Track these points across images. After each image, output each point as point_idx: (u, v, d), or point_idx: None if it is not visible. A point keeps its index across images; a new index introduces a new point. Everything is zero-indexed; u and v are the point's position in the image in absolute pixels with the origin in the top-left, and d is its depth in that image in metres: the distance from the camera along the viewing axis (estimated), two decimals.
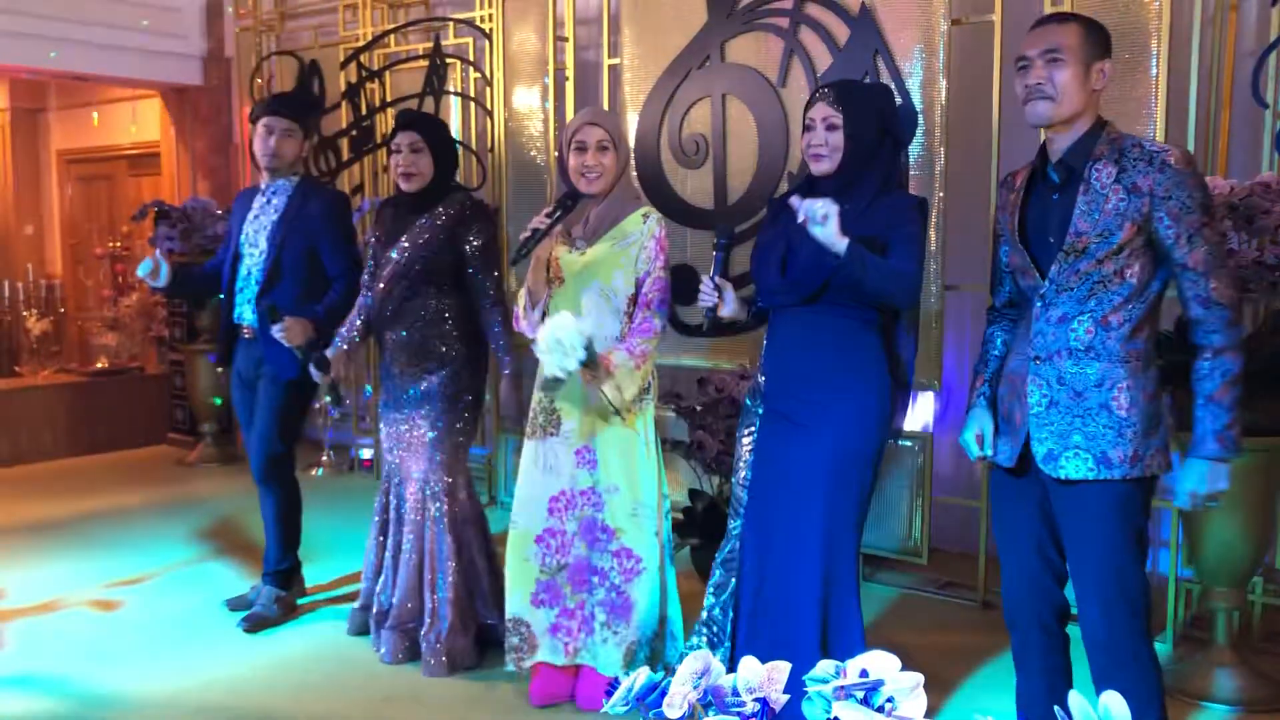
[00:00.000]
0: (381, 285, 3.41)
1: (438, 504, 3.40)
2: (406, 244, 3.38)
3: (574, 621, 3.09)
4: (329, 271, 3.73)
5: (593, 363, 2.87)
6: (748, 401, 2.90)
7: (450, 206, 3.40)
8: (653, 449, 3.07)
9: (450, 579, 3.38)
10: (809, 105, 2.72)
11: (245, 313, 3.77)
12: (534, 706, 3.10)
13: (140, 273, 3.65)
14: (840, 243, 2.45)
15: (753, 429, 2.85)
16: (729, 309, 2.77)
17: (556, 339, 2.78)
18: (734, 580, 2.84)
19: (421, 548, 3.42)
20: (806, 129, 2.70)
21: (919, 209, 2.72)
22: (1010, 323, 2.55)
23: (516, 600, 3.11)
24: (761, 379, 2.84)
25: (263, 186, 3.83)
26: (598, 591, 3.06)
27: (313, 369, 3.42)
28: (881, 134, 2.70)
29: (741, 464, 2.87)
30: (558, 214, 3.00)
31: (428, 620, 3.38)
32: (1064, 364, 2.26)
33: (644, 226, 3.01)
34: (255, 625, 3.73)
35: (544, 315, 3.00)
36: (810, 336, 2.72)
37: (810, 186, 2.74)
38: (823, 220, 2.43)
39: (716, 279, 2.74)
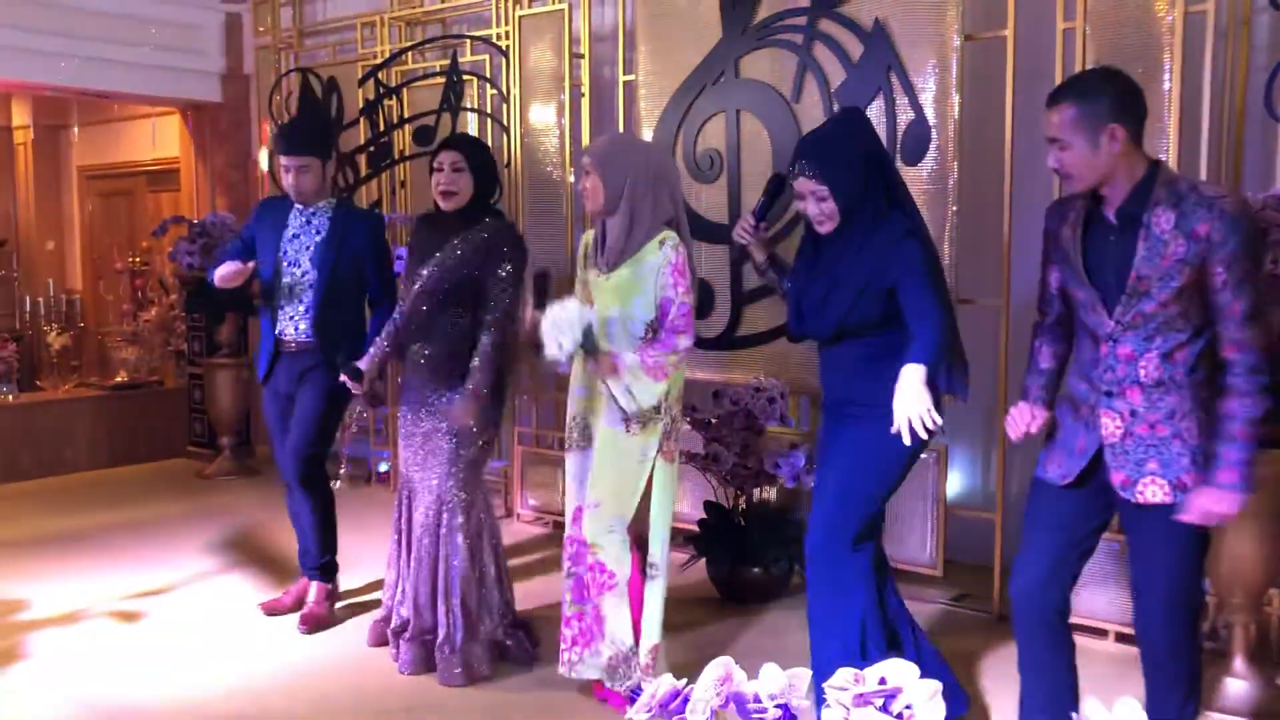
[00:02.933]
0: (409, 301, 3.47)
1: (452, 518, 3.43)
2: (437, 263, 3.40)
3: (570, 630, 3.15)
4: (371, 294, 3.83)
5: (592, 349, 2.96)
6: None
7: (485, 230, 3.43)
8: (648, 467, 3.07)
9: (462, 591, 3.42)
10: (793, 177, 2.82)
11: (289, 328, 3.86)
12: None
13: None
14: (920, 375, 2.61)
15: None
16: (760, 256, 3.08)
17: (554, 319, 2.88)
18: None
19: (435, 559, 3.45)
20: (799, 198, 2.83)
21: (913, 236, 2.79)
22: (1055, 337, 2.60)
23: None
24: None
25: (298, 207, 3.91)
26: (585, 605, 3.13)
27: (346, 379, 3.58)
28: (866, 174, 2.77)
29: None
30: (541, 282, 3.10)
31: (442, 631, 3.42)
32: (1136, 398, 2.36)
33: (660, 252, 3.01)
34: (314, 626, 3.86)
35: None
36: (843, 363, 2.90)
37: (816, 238, 2.89)
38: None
39: (757, 224, 2.98)
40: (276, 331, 3.90)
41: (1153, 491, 2.36)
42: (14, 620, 3.99)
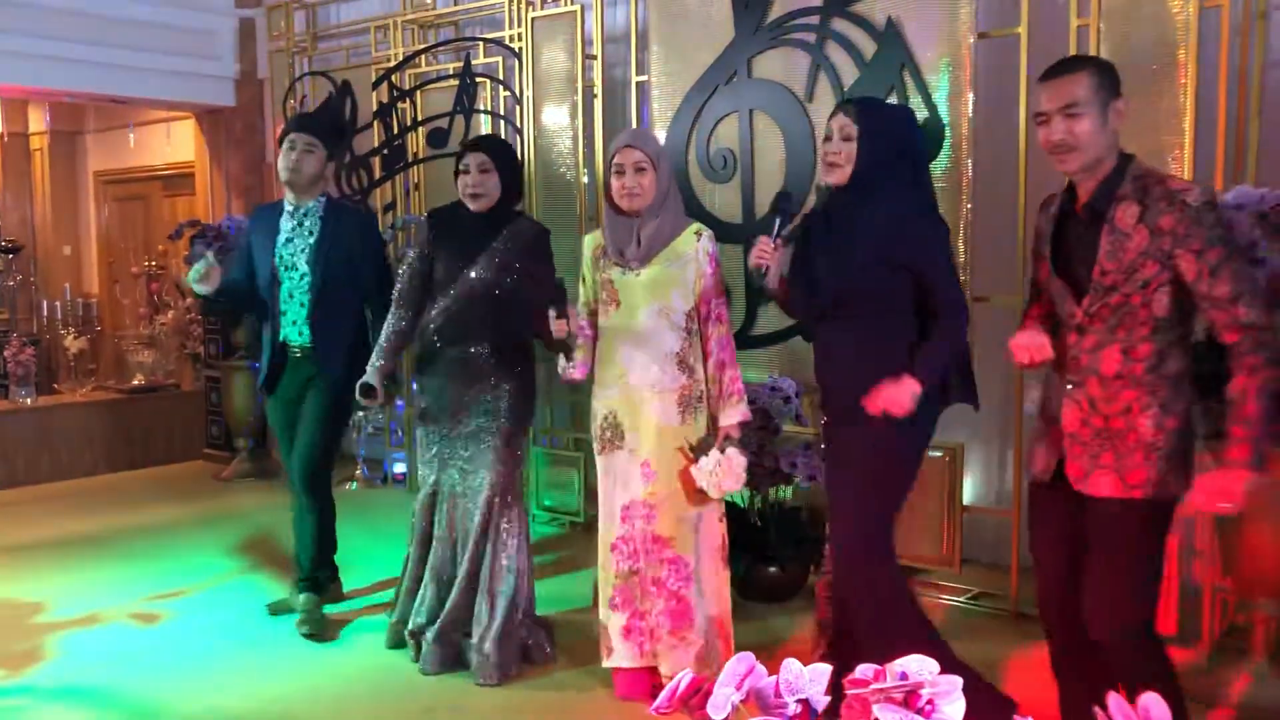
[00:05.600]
0: (453, 303, 3.42)
1: (507, 514, 3.44)
2: (485, 267, 3.39)
3: (645, 623, 3.19)
4: (368, 293, 3.82)
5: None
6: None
7: (527, 232, 3.46)
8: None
9: (514, 587, 3.44)
10: (831, 116, 2.85)
11: (292, 335, 3.86)
12: (618, 699, 3.24)
13: (192, 279, 3.68)
14: (913, 390, 2.66)
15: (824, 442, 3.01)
16: (774, 273, 2.91)
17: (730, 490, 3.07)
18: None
19: (481, 558, 3.44)
20: (826, 139, 2.83)
21: (936, 213, 2.83)
22: (1041, 319, 2.55)
23: (602, 606, 3.26)
24: (819, 392, 2.99)
25: (289, 208, 3.88)
26: (658, 601, 3.15)
27: (361, 397, 3.52)
28: (898, 154, 2.76)
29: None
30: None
31: (482, 628, 3.41)
32: (1095, 389, 2.36)
33: (698, 244, 3.11)
34: (320, 633, 3.81)
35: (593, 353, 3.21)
36: (849, 346, 2.83)
37: (829, 199, 2.88)
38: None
39: (776, 240, 2.88)
40: (281, 338, 3.88)
41: (1104, 484, 2.35)
42: (32, 622, 4.02)
